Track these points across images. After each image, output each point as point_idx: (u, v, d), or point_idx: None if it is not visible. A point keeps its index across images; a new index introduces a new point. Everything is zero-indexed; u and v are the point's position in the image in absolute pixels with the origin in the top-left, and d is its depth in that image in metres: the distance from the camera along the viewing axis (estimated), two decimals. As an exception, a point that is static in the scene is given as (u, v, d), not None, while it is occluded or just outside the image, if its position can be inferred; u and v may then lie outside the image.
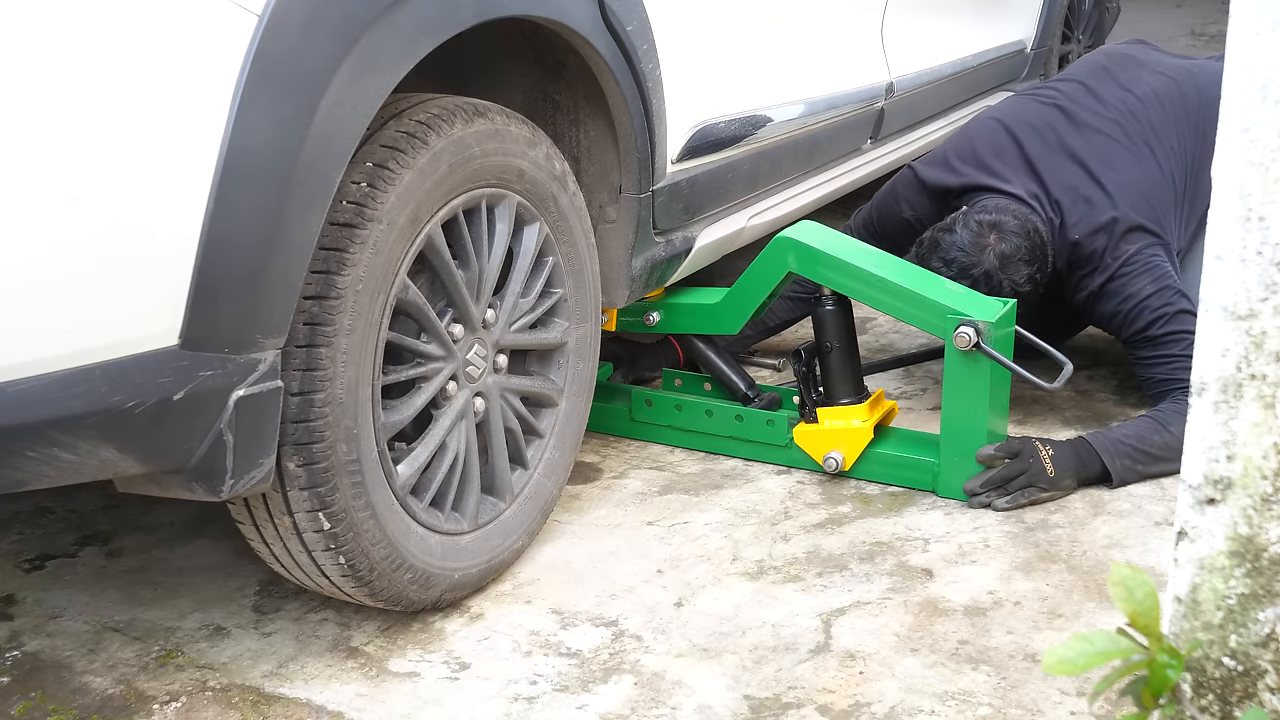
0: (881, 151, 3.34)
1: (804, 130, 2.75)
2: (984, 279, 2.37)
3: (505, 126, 1.85)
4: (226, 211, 1.39)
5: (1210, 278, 1.01)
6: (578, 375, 2.12)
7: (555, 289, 2.05)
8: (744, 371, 2.54)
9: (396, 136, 1.67)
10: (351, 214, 1.60)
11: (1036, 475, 2.20)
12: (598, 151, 2.17)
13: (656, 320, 2.53)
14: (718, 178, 2.43)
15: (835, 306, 2.33)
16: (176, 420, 1.42)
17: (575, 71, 2.08)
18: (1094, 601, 1.90)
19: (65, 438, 1.34)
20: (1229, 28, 0.99)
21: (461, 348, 1.86)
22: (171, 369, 1.40)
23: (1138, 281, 2.41)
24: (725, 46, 2.45)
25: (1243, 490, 1.02)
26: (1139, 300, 2.40)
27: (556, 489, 2.10)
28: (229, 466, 1.49)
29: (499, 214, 1.89)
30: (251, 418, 1.49)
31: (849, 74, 2.99)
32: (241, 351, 1.46)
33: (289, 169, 1.45)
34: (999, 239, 2.39)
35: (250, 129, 1.40)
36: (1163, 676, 0.95)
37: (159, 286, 1.37)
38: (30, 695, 1.75)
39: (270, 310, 1.48)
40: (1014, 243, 2.38)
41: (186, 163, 1.37)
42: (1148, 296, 2.40)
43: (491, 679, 1.76)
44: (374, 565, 1.72)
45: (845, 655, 1.78)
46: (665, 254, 2.33)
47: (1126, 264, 2.42)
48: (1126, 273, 2.42)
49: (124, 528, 2.23)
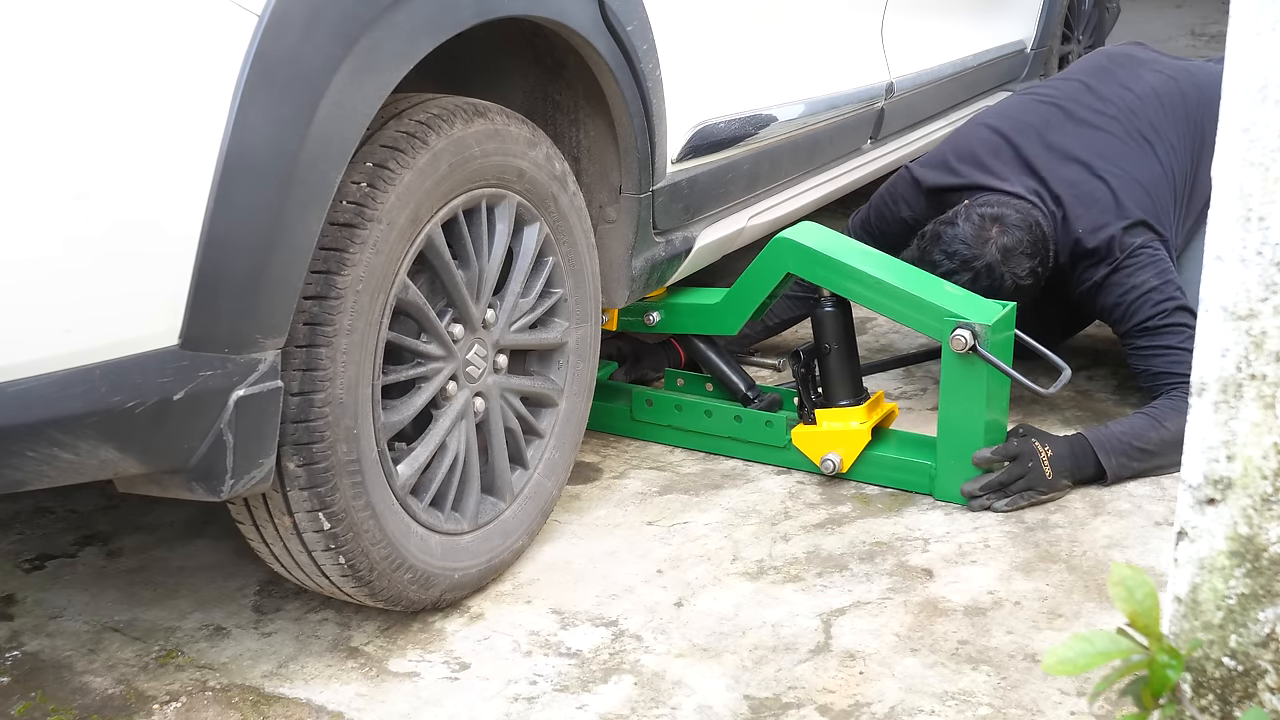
0: (881, 151, 3.34)
1: (804, 130, 2.75)
2: (985, 271, 2.37)
3: (505, 126, 1.85)
4: (227, 211, 1.39)
5: (1210, 278, 1.01)
6: (578, 375, 2.12)
7: (555, 289, 2.05)
8: (744, 372, 2.54)
9: (396, 136, 1.67)
10: (351, 214, 1.60)
11: (1036, 480, 2.20)
12: (598, 151, 2.17)
13: (656, 320, 2.53)
14: (718, 178, 2.43)
15: (834, 308, 2.33)
16: (176, 420, 1.42)
17: (575, 71, 2.08)
18: (1094, 601, 1.90)
19: (65, 438, 1.34)
20: (1229, 28, 0.99)
21: (461, 348, 1.86)
22: (171, 369, 1.40)
23: (1141, 274, 2.42)
24: (725, 46, 2.45)
25: (1243, 490, 1.02)
26: (1142, 293, 2.41)
27: (556, 489, 2.10)
28: (229, 466, 1.49)
29: (499, 214, 1.89)
30: (251, 418, 1.49)
31: (849, 74, 2.99)
32: (241, 351, 1.46)
33: (289, 169, 1.45)
34: (1001, 232, 2.39)
35: (250, 129, 1.40)
36: (1163, 676, 0.95)
37: (159, 286, 1.37)
38: (30, 695, 1.75)
39: (270, 310, 1.48)
40: (1016, 236, 2.38)
41: (187, 162, 1.37)
42: (1150, 290, 2.40)
43: (491, 679, 1.76)
44: (374, 565, 1.72)
45: (845, 655, 1.78)
46: (665, 254, 2.33)
47: (1131, 256, 2.43)
48: (1130, 265, 2.43)
49: (124, 528, 2.23)
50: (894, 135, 3.38)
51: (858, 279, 2.27)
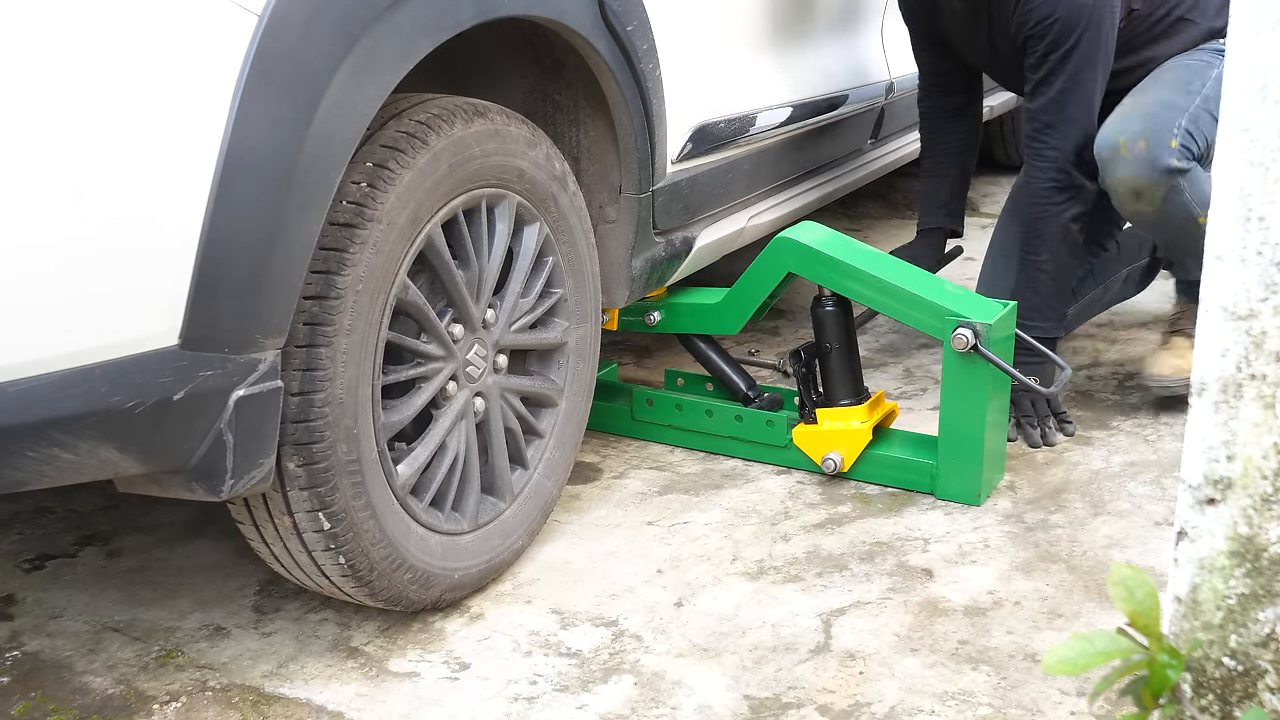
0: (882, 151, 3.35)
1: (804, 130, 2.75)
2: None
3: (505, 127, 1.85)
4: (226, 211, 1.39)
5: (1210, 278, 1.01)
6: (578, 375, 2.12)
7: (555, 289, 2.05)
8: (745, 372, 2.54)
9: (396, 136, 1.67)
10: (351, 214, 1.60)
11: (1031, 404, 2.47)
12: (598, 151, 2.17)
13: (657, 320, 2.53)
14: (718, 178, 2.43)
15: (835, 308, 2.33)
16: (176, 420, 1.42)
17: (575, 71, 2.08)
18: (1094, 601, 1.90)
19: (65, 438, 1.34)
20: (1229, 27, 0.99)
21: (461, 348, 1.86)
22: (171, 369, 1.40)
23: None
24: (725, 46, 2.45)
25: (1243, 490, 1.02)
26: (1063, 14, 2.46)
27: (556, 489, 2.10)
28: (229, 466, 1.49)
29: (499, 214, 1.89)
30: (251, 418, 1.49)
31: (849, 74, 2.99)
32: (241, 351, 1.46)
33: (289, 169, 1.45)
34: None
35: (250, 128, 1.40)
36: (1163, 676, 0.95)
37: (159, 285, 1.37)
38: (30, 695, 1.75)
39: (270, 310, 1.48)
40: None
41: (187, 161, 1.36)
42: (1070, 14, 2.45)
43: (491, 679, 1.76)
44: (374, 565, 1.72)
45: (845, 655, 1.78)
46: (665, 254, 2.33)
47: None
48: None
49: (124, 528, 2.23)
50: (894, 135, 3.39)
51: (858, 278, 2.27)
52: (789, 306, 3.41)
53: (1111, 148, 2.38)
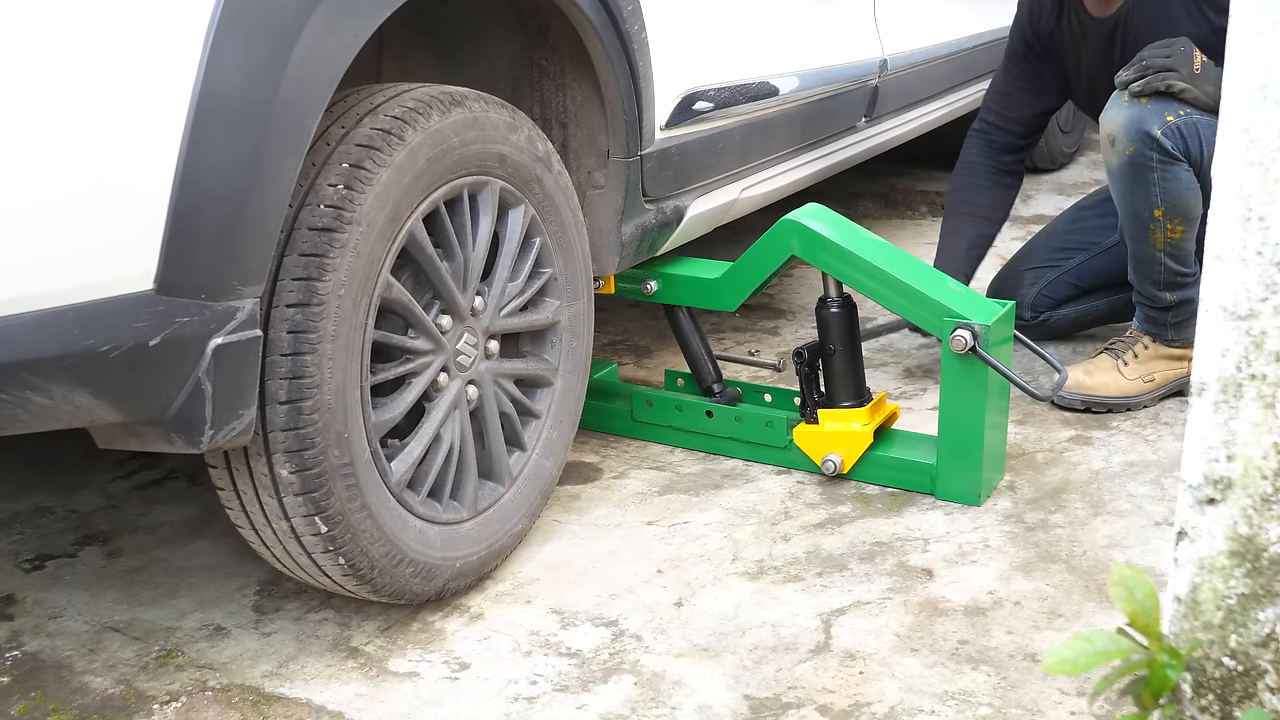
0: (876, 130, 3.33)
1: (796, 103, 2.74)
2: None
3: (484, 113, 1.82)
4: (201, 154, 1.38)
5: (1210, 278, 1.01)
6: (572, 353, 2.11)
7: (544, 269, 2.03)
8: (716, 365, 2.52)
9: (372, 134, 1.65)
10: (330, 218, 1.58)
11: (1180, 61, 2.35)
12: (584, 116, 2.16)
13: (654, 289, 2.50)
14: (708, 147, 2.41)
15: (840, 309, 2.33)
16: (153, 367, 1.40)
17: (560, 35, 2.07)
18: (1094, 601, 1.90)
19: (38, 380, 1.32)
20: (1229, 28, 0.99)
21: (451, 338, 1.85)
22: (147, 314, 1.37)
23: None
24: (712, 12, 2.44)
25: (1243, 490, 1.02)
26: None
27: (556, 468, 2.09)
28: (208, 417, 1.47)
29: (482, 201, 1.87)
30: (230, 367, 1.47)
31: (841, 48, 2.97)
32: (219, 299, 1.44)
33: (264, 113, 1.43)
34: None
35: (224, 70, 1.38)
36: (1163, 676, 0.95)
37: (132, 228, 1.35)
38: (30, 695, 1.75)
39: (248, 257, 1.46)
40: None
41: (159, 104, 1.35)
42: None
43: (491, 679, 1.76)
44: (374, 563, 1.72)
45: (845, 655, 1.78)
46: (656, 222, 2.32)
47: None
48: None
49: (124, 528, 2.23)
50: (889, 115, 3.37)
51: (861, 268, 2.26)
52: (790, 307, 3.41)
53: (1122, 87, 2.46)
